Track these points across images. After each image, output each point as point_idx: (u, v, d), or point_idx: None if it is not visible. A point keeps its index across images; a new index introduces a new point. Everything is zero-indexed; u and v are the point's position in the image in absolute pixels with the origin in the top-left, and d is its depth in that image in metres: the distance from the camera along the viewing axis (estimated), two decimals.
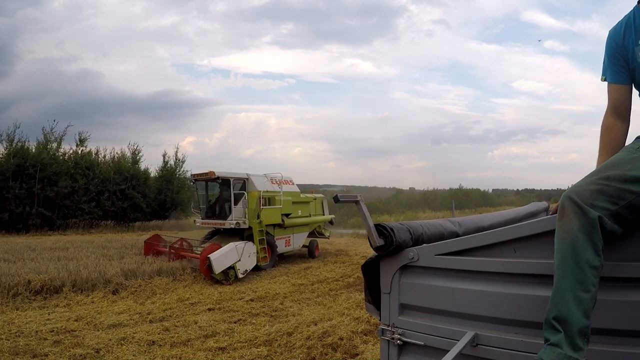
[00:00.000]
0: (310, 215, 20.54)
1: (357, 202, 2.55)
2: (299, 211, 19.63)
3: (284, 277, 15.43)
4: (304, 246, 20.46)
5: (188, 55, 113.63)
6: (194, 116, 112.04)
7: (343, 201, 2.56)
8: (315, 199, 21.32)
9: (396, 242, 2.51)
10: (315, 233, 21.68)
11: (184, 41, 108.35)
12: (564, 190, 2.16)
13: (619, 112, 2.52)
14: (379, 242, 2.50)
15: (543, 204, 5.53)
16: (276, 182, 19.12)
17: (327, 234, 22.75)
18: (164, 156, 39.89)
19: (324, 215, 22.12)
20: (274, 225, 18.06)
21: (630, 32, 2.41)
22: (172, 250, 16.33)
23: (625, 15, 2.47)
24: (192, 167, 38.84)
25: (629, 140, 2.47)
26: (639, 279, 2.04)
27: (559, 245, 1.99)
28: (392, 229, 2.52)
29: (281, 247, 18.44)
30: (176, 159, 40.10)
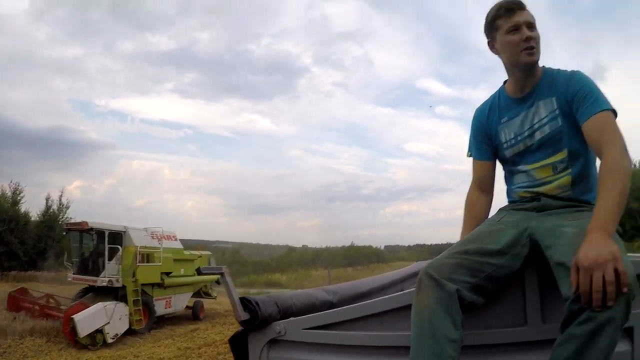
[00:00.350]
0: (194, 274, 18.65)
1: (222, 274, 2.45)
2: (182, 270, 17.98)
3: (169, 340, 14.69)
4: (187, 307, 18.91)
5: (87, 93, 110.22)
6: (84, 158, 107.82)
7: (206, 273, 2.45)
8: (200, 256, 19.80)
9: (261, 316, 2.40)
10: (201, 293, 20.30)
11: (85, 77, 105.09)
12: (453, 244, 2.19)
13: (482, 187, 2.61)
14: (244, 316, 2.39)
15: (427, 263, 5.58)
16: (157, 237, 17.43)
17: (214, 294, 21.26)
18: (47, 199, 36.64)
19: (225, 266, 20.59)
20: (153, 285, 16.43)
21: (494, 112, 2.51)
22: (36, 307, 14.99)
23: (492, 95, 2.59)
24: (76, 214, 36.03)
25: (493, 212, 2.56)
26: (502, 345, 2.12)
27: (416, 320, 1.99)
28: (257, 303, 2.42)
29: (160, 308, 16.82)
30: (60, 203, 36.87)
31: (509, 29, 2.32)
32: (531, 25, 2.31)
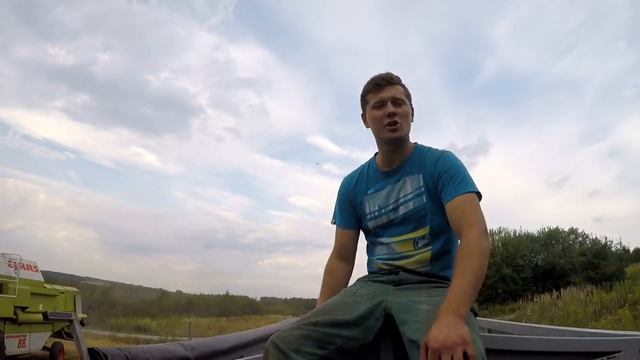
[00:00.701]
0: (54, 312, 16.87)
1: (70, 321, 2.30)
2: (41, 305, 15.55)
3: None
4: (45, 348, 16.44)
5: None
6: None
7: (54, 319, 2.30)
8: (63, 292, 17.63)
9: None
10: (63, 334, 17.38)
11: None
12: (305, 314, 2.15)
13: (342, 255, 2.60)
14: None
15: (295, 320, 5.54)
16: (13, 265, 15.08)
17: None
18: None
19: (74, 312, 17.05)
20: (5, 320, 14.09)
21: (362, 182, 2.55)
22: None
23: (362, 165, 2.63)
24: None
25: (353, 280, 2.55)
26: None
27: None
28: (105, 355, 2.27)
29: (12, 347, 14.31)
30: None
31: (375, 104, 2.40)
32: (398, 101, 2.37)
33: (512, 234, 38.39)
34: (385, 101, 2.37)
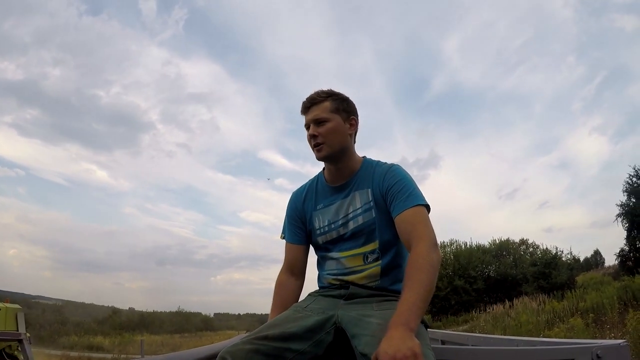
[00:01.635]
0: None
1: (20, 341, 2.24)
2: None
3: None
4: None
5: None
6: None
7: (3, 339, 2.23)
8: (5, 308, 17.18)
9: None
10: (4, 355, 17.26)
11: None
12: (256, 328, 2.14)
13: (292, 270, 2.60)
14: None
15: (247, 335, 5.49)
16: None
17: (20, 357, 17.93)
18: None
19: (16, 330, 17.30)
20: None
21: (311, 197, 2.56)
22: None
23: (310, 180, 2.64)
24: None
25: (303, 296, 2.56)
26: None
27: None
28: None
29: None
30: None
31: (305, 126, 2.45)
32: (319, 121, 2.40)
33: (463, 246, 38.72)
34: (308, 124, 2.43)
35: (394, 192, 2.27)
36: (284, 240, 2.64)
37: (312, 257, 2.64)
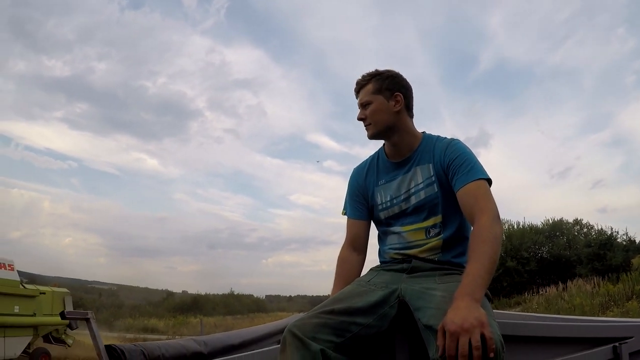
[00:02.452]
0: (34, 314, 15.07)
1: (87, 319, 2.32)
2: (16, 307, 14.33)
3: None
4: (26, 353, 15.09)
5: None
6: None
7: (71, 318, 2.32)
8: (44, 293, 16.08)
9: None
10: (50, 339, 16.31)
11: None
12: (322, 302, 2.18)
13: (354, 245, 2.62)
14: None
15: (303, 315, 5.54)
16: None
17: (69, 340, 16.96)
18: None
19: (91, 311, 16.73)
20: None
21: (373, 172, 2.58)
22: None
23: (371, 156, 2.66)
24: None
25: (365, 271, 2.57)
26: None
27: None
28: (122, 351, 2.30)
29: None
30: None
31: (359, 107, 2.53)
32: (365, 104, 2.49)
33: (515, 226, 38.15)
34: (359, 107, 2.51)
35: (455, 166, 2.29)
36: (337, 220, 2.67)
37: (373, 232, 2.66)
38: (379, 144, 2.61)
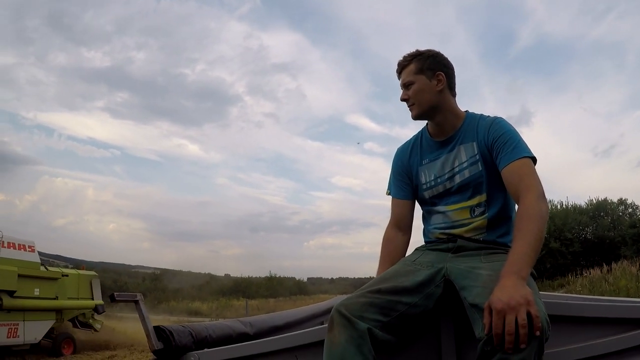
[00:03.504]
0: (57, 297, 14.34)
1: (136, 302, 2.38)
2: (36, 290, 13.51)
3: None
4: (50, 338, 14.36)
5: (14, 104, 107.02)
6: (7, 172, 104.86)
7: (120, 300, 2.38)
8: (77, 275, 15.74)
9: (175, 346, 2.34)
10: (76, 323, 15.60)
11: (14, 87, 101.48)
12: (368, 281, 2.21)
13: (399, 225, 2.63)
14: (158, 345, 2.33)
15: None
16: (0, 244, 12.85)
17: (97, 325, 16.22)
18: None
19: (92, 299, 15.86)
20: None
21: (416, 152, 2.57)
22: None
23: (414, 136, 2.65)
24: None
25: (410, 251, 2.58)
26: None
27: (328, 357, 2.00)
28: (171, 332, 2.36)
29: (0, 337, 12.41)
30: None
31: (401, 88, 2.53)
32: (406, 85, 2.48)
33: (558, 206, 37.58)
34: (401, 88, 2.51)
35: (499, 144, 2.27)
36: (390, 197, 2.67)
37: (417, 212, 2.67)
38: (419, 124, 2.60)
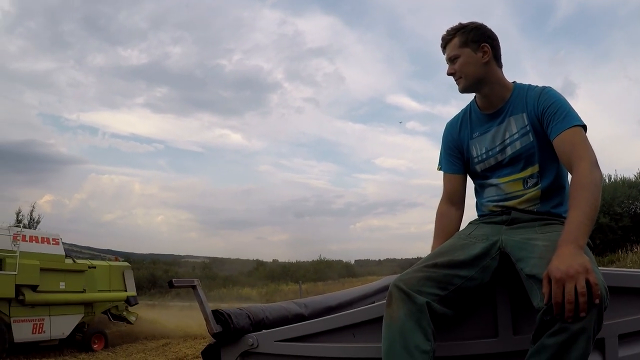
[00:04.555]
0: (84, 291, 13.85)
1: (194, 287, 2.43)
2: (62, 283, 13.08)
3: (141, 355, 14.20)
4: (81, 332, 14.04)
5: (57, 106, 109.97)
6: (55, 173, 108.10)
7: (178, 286, 2.43)
8: (108, 266, 15.37)
9: (234, 329, 2.39)
10: (109, 316, 15.12)
11: (56, 90, 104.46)
12: (423, 257, 2.22)
13: (452, 200, 2.62)
14: (217, 328, 2.38)
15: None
16: (21, 237, 12.53)
17: (131, 318, 15.65)
18: (17, 214, 34.17)
19: (125, 290, 15.36)
20: (9, 301, 11.82)
21: (466, 126, 2.56)
22: None
23: (462, 109, 2.63)
24: (47, 229, 35.20)
25: (464, 225, 2.57)
26: (473, 356, 2.17)
27: (387, 332, 2.03)
28: (229, 315, 2.41)
29: (24, 333, 12.03)
30: (31, 218, 34.83)
31: (446, 63, 2.51)
32: (453, 59, 2.45)
33: (607, 179, 36.68)
34: (447, 62, 2.49)
35: (549, 114, 2.24)
36: (441, 172, 2.67)
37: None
38: (462, 101, 2.59)
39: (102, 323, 15.13)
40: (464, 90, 2.46)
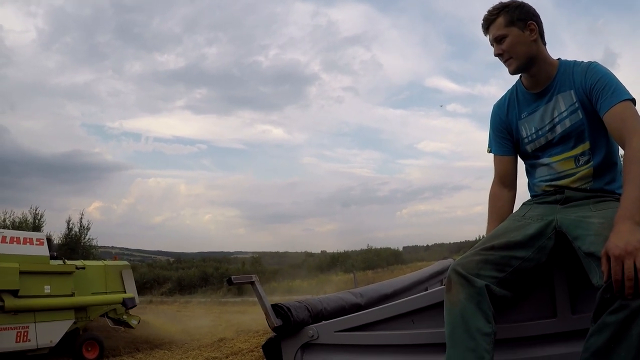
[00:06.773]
0: (73, 294, 12.17)
1: (252, 283, 2.48)
2: (47, 287, 11.58)
3: (196, 351, 14.55)
4: (75, 339, 12.37)
5: (99, 116, 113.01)
6: (101, 180, 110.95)
7: (237, 283, 2.48)
8: (103, 266, 13.89)
9: (294, 322, 2.43)
10: (108, 320, 13.47)
11: (96, 101, 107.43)
12: (473, 242, 2.23)
13: (504, 182, 2.61)
14: (277, 322, 2.42)
15: (448, 261, 5.57)
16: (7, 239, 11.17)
17: (132, 321, 13.97)
18: (68, 222, 34.25)
19: (124, 292, 13.70)
20: None
21: (514, 107, 2.54)
22: None
23: (508, 90, 2.61)
24: (97, 235, 35.83)
25: (517, 206, 2.56)
26: (533, 337, 2.17)
27: (448, 317, 2.05)
28: (289, 309, 2.45)
29: (7, 342, 10.63)
30: (81, 225, 36.03)
31: (491, 44, 2.47)
32: (499, 39, 2.39)
33: None
34: (491, 43, 2.45)
35: (598, 89, 2.21)
36: (491, 155, 2.66)
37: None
38: (504, 81, 2.58)
39: (101, 329, 13.86)
40: (515, 71, 2.42)
